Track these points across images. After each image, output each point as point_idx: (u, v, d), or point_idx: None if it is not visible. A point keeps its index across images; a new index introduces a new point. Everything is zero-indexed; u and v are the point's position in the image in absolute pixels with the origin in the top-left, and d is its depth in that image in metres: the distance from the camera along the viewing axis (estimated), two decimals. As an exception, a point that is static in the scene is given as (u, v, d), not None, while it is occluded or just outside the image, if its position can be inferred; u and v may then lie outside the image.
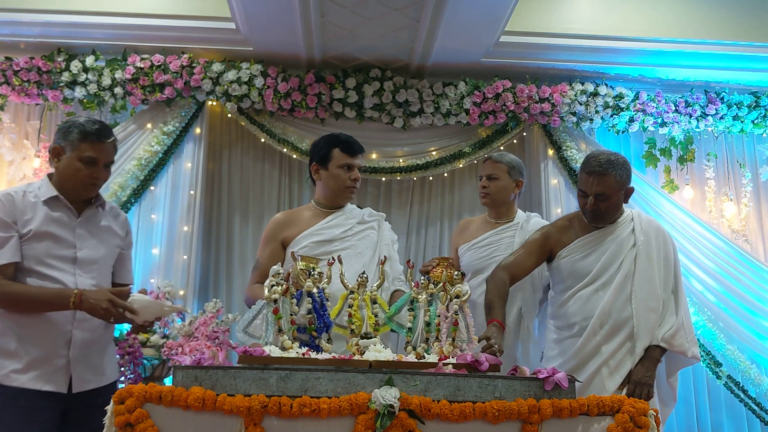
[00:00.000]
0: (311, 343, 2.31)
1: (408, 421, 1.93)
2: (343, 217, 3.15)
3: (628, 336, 2.93)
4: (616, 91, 4.79)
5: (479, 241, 3.45)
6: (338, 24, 4.19)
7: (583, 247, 3.07)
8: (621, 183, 2.97)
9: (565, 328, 3.05)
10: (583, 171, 2.99)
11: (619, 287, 2.97)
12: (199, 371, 2.01)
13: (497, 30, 4.30)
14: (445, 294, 2.33)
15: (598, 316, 2.94)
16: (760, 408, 4.43)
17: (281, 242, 3.12)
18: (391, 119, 4.74)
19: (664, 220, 4.69)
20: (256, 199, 4.85)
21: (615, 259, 3.01)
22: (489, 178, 3.45)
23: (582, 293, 3.01)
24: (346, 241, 3.07)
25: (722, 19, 4.63)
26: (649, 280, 2.98)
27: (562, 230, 3.15)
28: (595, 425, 2.07)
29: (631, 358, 2.91)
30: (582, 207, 3.05)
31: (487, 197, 3.46)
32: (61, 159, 2.68)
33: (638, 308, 2.94)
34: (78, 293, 2.55)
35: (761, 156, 5.04)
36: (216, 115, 4.85)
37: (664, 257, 3.05)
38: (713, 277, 4.61)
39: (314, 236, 3.07)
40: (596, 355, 2.93)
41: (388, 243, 3.16)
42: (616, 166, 2.94)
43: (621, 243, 3.03)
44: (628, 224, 3.09)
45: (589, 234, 3.08)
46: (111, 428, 1.94)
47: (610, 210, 3.02)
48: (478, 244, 3.44)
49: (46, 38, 4.49)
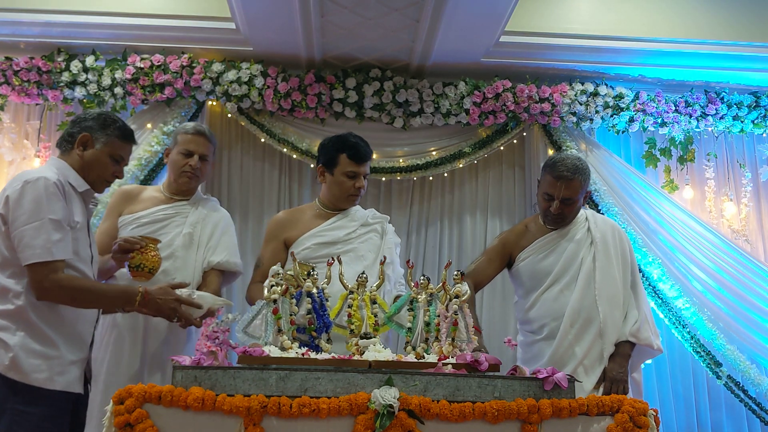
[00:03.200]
0: (311, 343, 2.31)
1: (407, 421, 1.93)
2: (347, 219, 3.14)
3: (597, 334, 2.98)
4: (616, 91, 4.79)
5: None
6: (338, 24, 4.19)
7: (541, 249, 3.13)
8: (584, 187, 3.08)
9: (535, 331, 3.10)
10: (550, 175, 3.04)
11: (584, 286, 3.03)
12: (199, 371, 2.01)
13: (497, 30, 4.30)
14: (445, 294, 2.33)
15: (569, 316, 3.00)
16: (760, 408, 4.43)
17: (283, 242, 3.12)
18: (391, 119, 4.74)
19: (664, 220, 4.69)
20: (256, 199, 4.85)
21: (574, 258, 3.08)
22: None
23: (547, 294, 3.08)
24: (348, 243, 3.07)
25: (722, 19, 4.63)
26: (610, 277, 3.05)
27: (519, 235, 3.23)
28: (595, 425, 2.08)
29: (603, 356, 2.97)
30: (544, 210, 3.10)
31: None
32: (88, 149, 2.59)
33: (604, 306, 3.00)
34: (144, 291, 2.50)
35: (761, 156, 5.04)
36: (216, 115, 4.85)
37: (621, 254, 3.12)
38: (713, 277, 4.61)
39: (317, 238, 3.06)
40: (571, 357, 2.97)
41: (390, 246, 3.16)
42: (582, 171, 3.04)
43: (578, 242, 3.11)
44: (582, 224, 3.16)
45: (546, 235, 3.15)
46: (111, 428, 1.94)
47: (572, 213, 3.11)
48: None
49: (46, 38, 4.49)
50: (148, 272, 2.84)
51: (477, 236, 4.90)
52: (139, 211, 3.13)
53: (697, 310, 4.52)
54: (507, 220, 4.92)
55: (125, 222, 3.12)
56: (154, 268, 2.85)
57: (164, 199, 3.20)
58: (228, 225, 3.32)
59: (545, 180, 3.07)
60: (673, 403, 4.66)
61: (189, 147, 3.15)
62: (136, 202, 3.17)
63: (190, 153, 3.15)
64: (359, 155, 3.09)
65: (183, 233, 3.12)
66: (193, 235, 3.14)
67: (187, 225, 3.14)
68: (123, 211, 3.15)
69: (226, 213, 3.36)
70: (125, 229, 3.08)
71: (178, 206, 3.19)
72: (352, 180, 3.10)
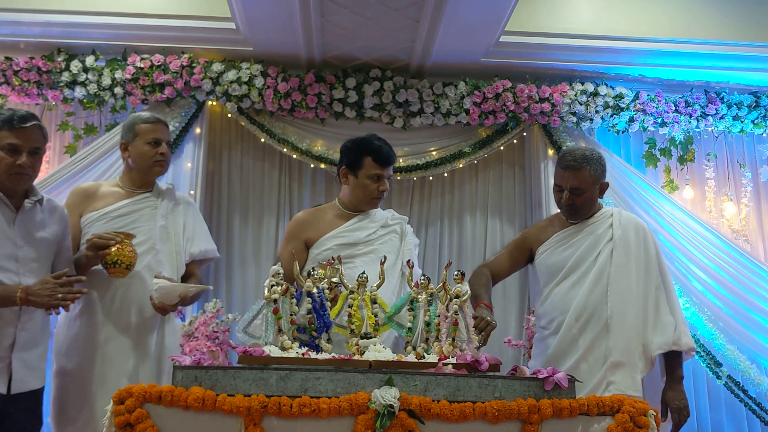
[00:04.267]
0: (311, 343, 2.31)
1: (408, 421, 1.93)
2: (367, 221, 3.14)
3: (603, 329, 2.92)
4: (616, 91, 4.79)
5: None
6: (338, 24, 4.20)
7: (560, 242, 3.11)
8: (595, 178, 3.03)
9: (545, 326, 3.08)
10: (559, 166, 3.05)
11: (595, 280, 2.98)
12: (199, 371, 2.01)
13: (497, 30, 4.30)
14: (445, 294, 2.33)
15: (574, 310, 2.96)
16: (760, 408, 4.43)
17: (304, 242, 3.11)
18: (391, 119, 4.74)
19: (664, 220, 4.69)
20: (256, 199, 4.85)
21: (591, 252, 3.05)
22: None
23: (559, 288, 3.04)
24: (369, 245, 3.08)
25: (722, 19, 4.63)
26: (626, 274, 2.99)
27: (541, 229, 3.22)
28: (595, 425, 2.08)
29: (606, 355, 2.89)
30: (558, 201, 3.10)
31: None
32: None
33: (614, 301, 2.95)
34: (23, 288, 2.51)
35: (761, 156, 5.04)
36: (216, 115, 4.85)
37: (645, 253, 3.06)
38: (713, 277, 4.61)
39: (338, 239, 3.06)
40: (574, 350, 2.93)
41: (410, 248, 3.16)
42: (591, 161, 3.00)
43: (598, 237, 3.07)
44: (606, 219, 3.12)
45: (566, 229, 3.13)
46: (111, 428, 1.94)
47: (585, 204, 3.06)
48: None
49: (46, 38, 4.48)
50: (125, 268, 2.79)
51: (477, 236, 4.90)
52: (102, 207, 3.08)
53: (697, 310, 4.52)
54: (507, 220, 4.92)
55: (90, 220, 3.06)
56: (131, 263, 2.81)
57: (126, 193, 3.14)
58: (195, 211, 3.32)
59: (556, 172, 3.08)
60: (673, 403, 4.65)
61: (156, 136, 3.12)
62: (96, 199, 3.11)
63: (158, 141, 3.12)
64: (384, 158, 3.10)
65: (158, 226, 3.10)
66: (167, 227, 3.13)
67: (160, 217, 3.12)
68: (85, 210, 3.09)
69: (189, 198, 3.37)
70: (92, 227, 3.03)
71: (145, 199, 3.15)
72: (377, 183, 3.10)
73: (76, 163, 4.42)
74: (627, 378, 2.86)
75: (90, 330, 2.98)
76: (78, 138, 4.64)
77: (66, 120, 4.64)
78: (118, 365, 2.96)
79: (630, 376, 2.87)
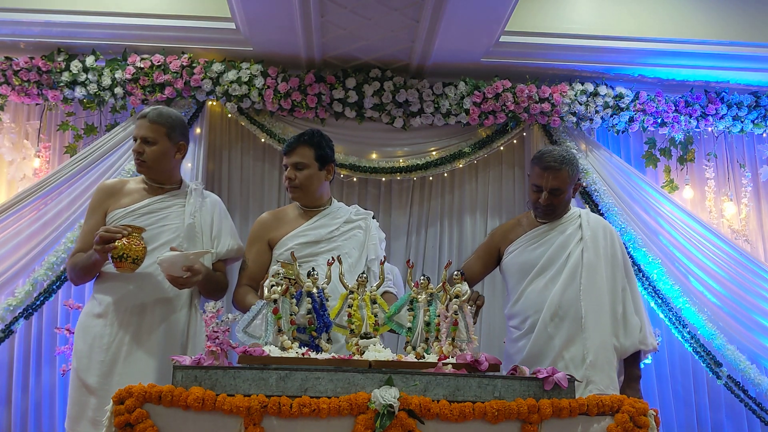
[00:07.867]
0: (311, 343, 2.31)
1: (408, 421, 1.93)
2: (330, 217, 3.12)
3: (578, 328, 2.94)
4: (616, 91, 4.79)
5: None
6: (338, 24, 4.20)
7: (530, 241, 3.13)
8: (573, 178, 3.08)
9: (518, 326, 3.08)
10: (538, 166, 3.06)
11: (569, 278, 3.01)
12: (199, 371, 2.02)
13: (497, 30, 4.30)
14: (445, 294, 2.33)
15: (548, 308, 2.98)
16: (760, 408, 4.43)
17: (267, 243, 3.11)
18: (391, 119, 4.74)
19: (664, 220, 4.69)
20: (256, 199, 4.85)
21: (562, 251, 3.07)
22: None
23: (533, 287, 3.06)
24: (332, 242, 3.04)
25: (722, 19, 4.63)
26: (597, 274, 3.02)
27: (509, 229, 3.25)
28: (595, 425, 2.08)
29: (584, 355, 2.91)
30: (534, 201, 3.11)
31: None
32: None
33: (587, 301, 2.97)
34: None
35: (761, 156, 5.03)
36: (216, 115, 4.85)
37: (612, 254, 3.10)
38: (713, 277, 4.61)
39: (299, 237, 3.04)
40: (549, 350, 2.95)
41: (375, 242, 3.12)
42: (570, 162, 3.05)
43: (568, 236, 3.10)
44: (575, 220, 3.16)
45: (536, 228, 3.15)
46: (111, 428, 1.94)
47: (562, 205, 3.11)
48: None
49: (46, 38, 4.48)
50: (132, 262, 2.72)
51: (477, 236, 4.90)
52: (128, 204, 3.03)
53: (697, 310, 4.52)
54: (507, 220, 4.91)
55: (117, 217, 2.99)
56: (139, 257, 2.74)
57: (151, 189, 3.10)
58: (222, 210, 3.26)
59: (534, 172, 3.09)
60: (673, 403, 4.65)
61: (135, 133, 3.09)
62: (122, 196, 3.06)
63: (135, 138, 3.08)
64: (285, 147, 3.11)
65: (186, 224, 3.05)
66: (194, 225, 3.08)
67: (188, 215, 3.07)
68: (110, 207, 3.04)
69: (216, 197, 3.30)
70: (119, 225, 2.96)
71: (173, 197, 3.10)
72: (285, 171, 3.10)
73: (76, 163, 4.42)
74: (605, 377, 2.89)
75: (111, 330, 2.89)
76: (78, 138, 4.64)
77: (66, 120, 4.65)
78: (142, 370, 2.85)
79: (608, 375, 2.90)
